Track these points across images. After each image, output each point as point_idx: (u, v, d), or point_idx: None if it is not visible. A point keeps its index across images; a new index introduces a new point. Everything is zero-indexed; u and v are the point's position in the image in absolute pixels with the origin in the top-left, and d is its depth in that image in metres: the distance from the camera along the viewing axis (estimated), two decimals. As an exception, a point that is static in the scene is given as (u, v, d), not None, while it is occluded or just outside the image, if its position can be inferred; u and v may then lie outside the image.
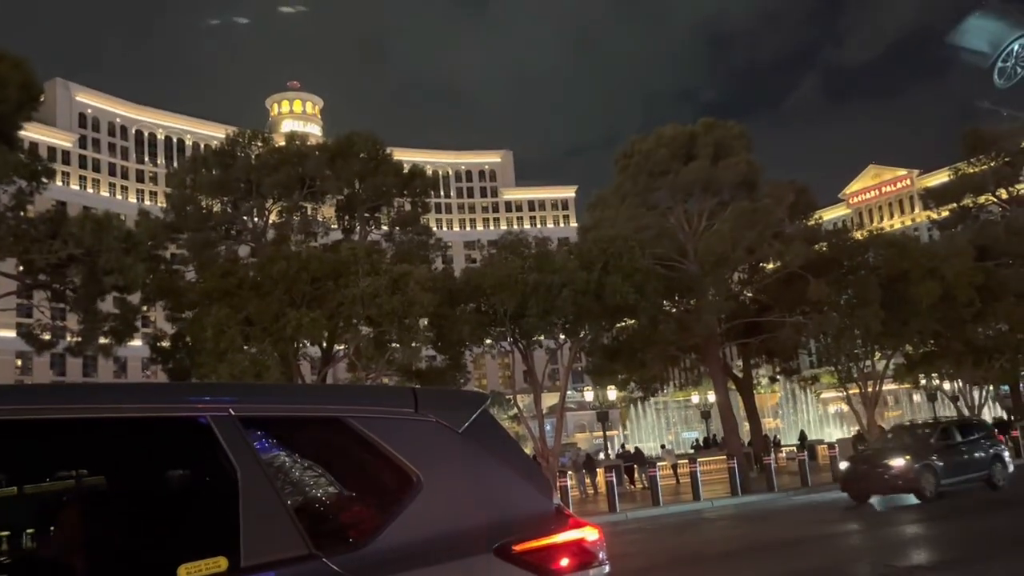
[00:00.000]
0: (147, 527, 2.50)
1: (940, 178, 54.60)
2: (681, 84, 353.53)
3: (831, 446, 31.90)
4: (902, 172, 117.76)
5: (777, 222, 32.27)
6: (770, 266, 36.09)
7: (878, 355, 36.41)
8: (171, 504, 2.60)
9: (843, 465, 23.16)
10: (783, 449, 42.98)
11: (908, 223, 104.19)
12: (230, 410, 2.48)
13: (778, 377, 49.29)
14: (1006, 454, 22.46)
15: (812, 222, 37.83)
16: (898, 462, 20.28)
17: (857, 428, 39.57)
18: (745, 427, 43.45)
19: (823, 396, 64.53)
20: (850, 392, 37.57)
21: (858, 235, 37.63)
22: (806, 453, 31.36)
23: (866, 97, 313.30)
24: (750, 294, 38.04)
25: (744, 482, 27.67)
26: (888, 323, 31.41)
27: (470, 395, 3.14)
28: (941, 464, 20.31)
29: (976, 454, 21.62)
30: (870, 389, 35.31)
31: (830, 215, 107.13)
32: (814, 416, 65.98)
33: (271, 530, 2.37)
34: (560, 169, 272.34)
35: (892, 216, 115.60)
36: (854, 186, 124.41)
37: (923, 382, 44.68)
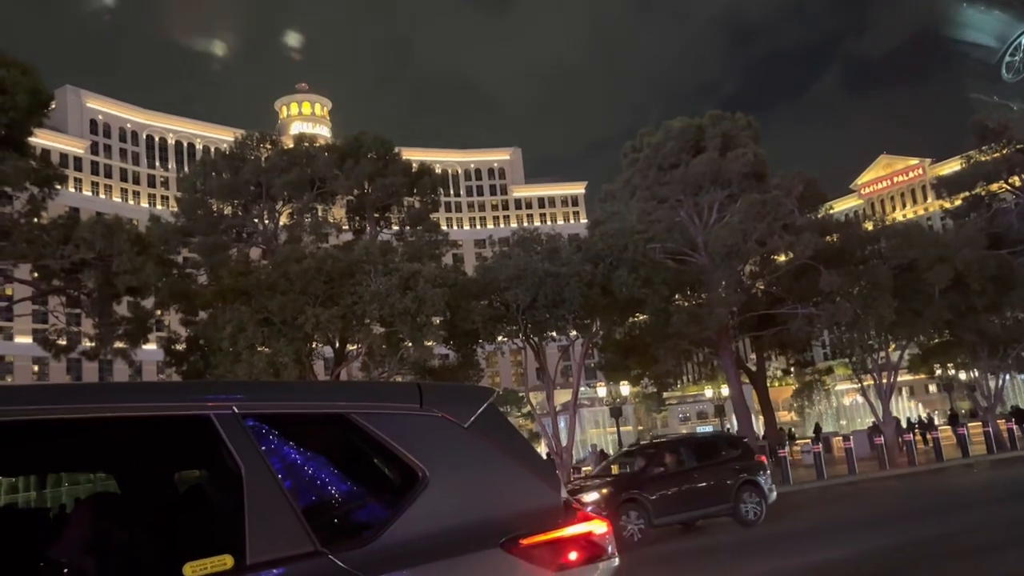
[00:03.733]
0: (153, 525, 2.50)
1: (952, 167, 54.13)
2: (702, 78, 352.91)
3: (846, 438, 31.73)
4: (914, 161, 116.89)
5: (787, 213, 32.10)
6: (781, 258, 35.92)
7: (892, 346, 36.17)
8: (176, 502, 2.60)
9: None
10: (798, 442, 42.80)
11: (921, 213, 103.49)
12: (234, 408, 2.48)
13: (791, 369, 49.06)
14: (763, 479, 17.80)
15: (822, 213, 37.62)
16: (591, 497, 16.12)
17: (872, 420, 39.36)
18: (760, 420, 43.31)
19: (838, 388, 64.23)
20: (865, 383, 37.33)
21: (868, 226, 37.35)
22: (821, 446, 31.21)
23: (887, 87, 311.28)
24: (762, 286, 37.88)
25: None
26: (901, 313, 31.21)
27: (476, 390, 3.12)
28: (655, 497, 16.22)
29: (718, 481, 17.29)
30: (885, 380, 35.08)
31: (842, 206, 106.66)
32: (829, 408, 65.67)
33: (277, 527, 2.36)
34: (580, 165, 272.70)
35: (904, 206, 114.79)
36: (866, 176, 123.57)
37: (938, 372, 44.36)
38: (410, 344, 26.53)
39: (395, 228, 35.87)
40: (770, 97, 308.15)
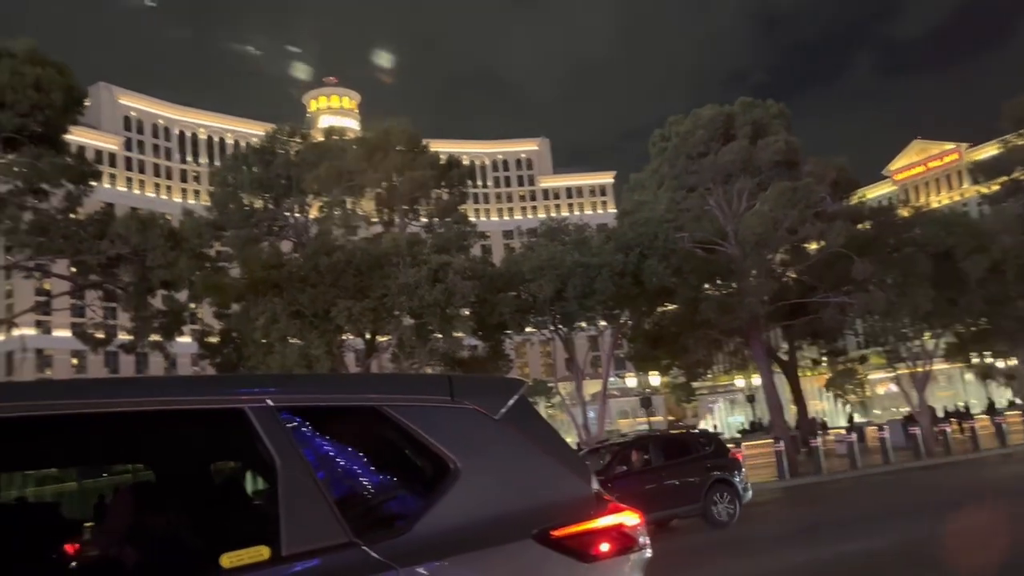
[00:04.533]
0: (190, 516, 2.55)
1: (989, 151, 53.03)
2: (732, 66, 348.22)
3: (881, 428, 31.33)
4: (949, 146, 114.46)
5: (819, 201, 31.66)
6: (813, 246, 35.47)
7: (927, 334, 35.59)
8: (213, 494, 2.64)
9: None
10: (831, 432, 42.36)
11: (957, 199, 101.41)
12: (268, 401, 2.51)
13: (823, 359, 48.53)
14: (737, 478, 17.19)
15: (855, 200, 37.04)
16: None
17: (908, 409, 38.81)
18: (791, 410, 42.93)
19: (871, 377, 63.38)
20: (899, 372, 36.80)
21: (903, 212, 36.69)
22: (855, 435, 30.88)
23: (921, 72, 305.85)
24: (793, 275, 37.44)
25: (791, 465, 27.48)
26: (937, 301, 30.71)
27: (506, 381, 3.13)
28: (616, 497, 15.65)
29: (686, 480, 16.63)
30: (920, 369, 34.55)
31: (875, 193, 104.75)
32: (862, 397, 64.77)
33: (311, 519, 2.39)
34: (608, 154, 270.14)
35: (940, 192, 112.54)
36: (899, 162, 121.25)
37: (975, 361, 43.61)
38: (440, 335, 26.66)
39: (424, 220, 35.97)
40: (802, 83, 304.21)
